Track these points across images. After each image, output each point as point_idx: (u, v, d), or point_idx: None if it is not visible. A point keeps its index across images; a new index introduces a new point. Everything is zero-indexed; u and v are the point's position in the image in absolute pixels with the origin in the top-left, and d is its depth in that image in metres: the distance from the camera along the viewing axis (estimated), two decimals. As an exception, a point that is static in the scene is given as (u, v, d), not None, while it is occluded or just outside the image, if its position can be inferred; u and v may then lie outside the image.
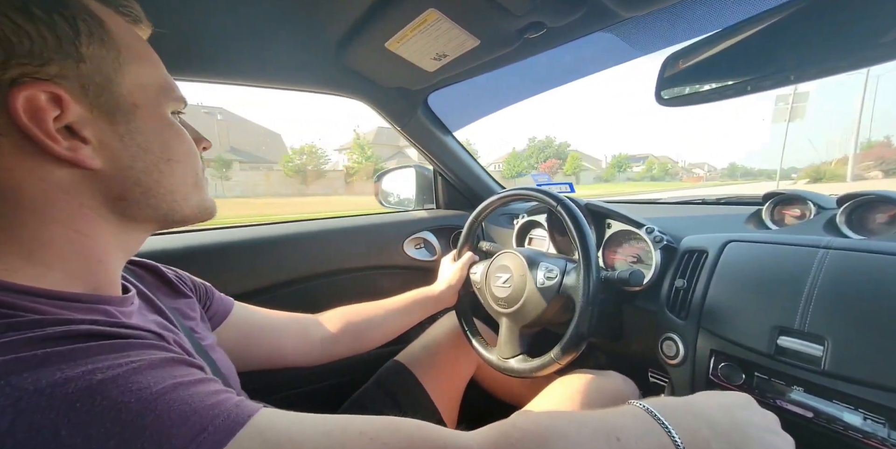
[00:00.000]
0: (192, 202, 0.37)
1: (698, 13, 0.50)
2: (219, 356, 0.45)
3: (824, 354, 0.46)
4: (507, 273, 0.70)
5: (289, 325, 0.61)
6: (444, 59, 0.64)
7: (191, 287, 0.51)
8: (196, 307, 0.49)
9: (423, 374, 0.73)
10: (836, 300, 0.48)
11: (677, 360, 0.63)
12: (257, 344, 0.57)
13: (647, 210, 0.98)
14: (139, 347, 0.26)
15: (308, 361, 0.63)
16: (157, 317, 0.39)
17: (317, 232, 0.95)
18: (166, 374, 0.25)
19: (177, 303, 0.46)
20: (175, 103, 0.35)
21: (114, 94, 0.30)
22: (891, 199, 0.56)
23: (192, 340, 0.41)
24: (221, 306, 0.54)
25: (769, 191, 0.72)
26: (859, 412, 0.45)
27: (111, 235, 0.33)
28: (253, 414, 0.25)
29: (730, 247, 0.62)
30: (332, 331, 0.65)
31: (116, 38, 0.30)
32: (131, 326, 0.28)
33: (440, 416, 0.69)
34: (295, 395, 0.87)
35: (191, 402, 0.24)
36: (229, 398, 0.26)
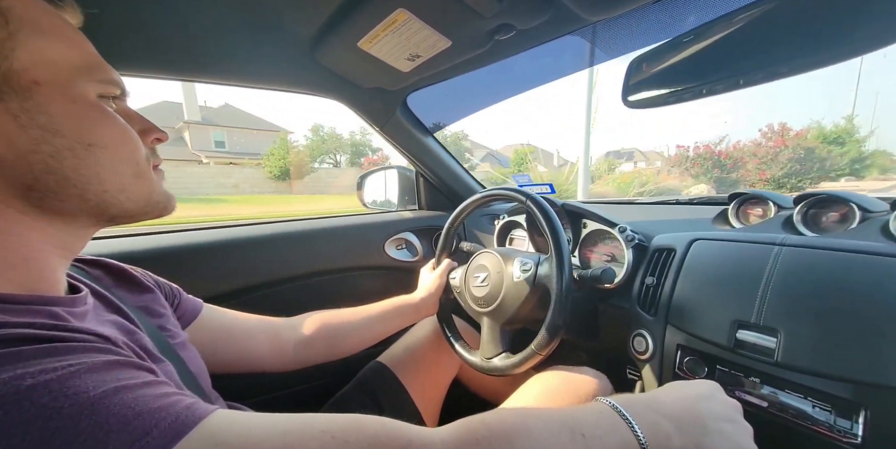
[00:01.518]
0: (133, 195, 0.34)
1: (660, 18, 0.52)
2: (189, 355, 0.44)
3: (777, 346, 0.49)
4: (484, 272, 0.71)
5: (260, 328, 0.60)
6: (417, 60, 0.64)
7: (154, 283, 0.49)
8: (164, 303, 0.47)
9: (405, 375, 0.72)
10: (789, 294, 0.50)
11: (647, 355, 0.65)
12: (227, 347, 0.56)
13: (624, 211, 1.00)
14: (80, 350, 0.25)
15: (280, 366, 0.61)
16: (115, 316, 0.38)
17: (296, 232, 0.94)
18: (108, 377, 0.24)
19: (142, 300, 0.45)
20: (103, 86, 0.32)
21: (1, 68, 0.27)
22: (841, 199, 0.59)
23: (158, 338, 0.40)
24: (190, 307, 0.53)
25: (734, 191, 0.75)
26: (808, 401, 0.47)
27: (34, 230, 0.31)
28: (205, 416, 0.25)
29: (696, 245, 0.64)
30: (307, 335, 0.63)
31: (4, 5, 0.27)
32: (74, 328, 0.27)
33: (421, 417, 0.69)
34: (272, 398, 0.86)
35: (134, 405, 0.23)
36: (179, 401, 0.25)
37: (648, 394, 0.38)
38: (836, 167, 11.72)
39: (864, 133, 12.95)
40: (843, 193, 0.59)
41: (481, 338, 0.70)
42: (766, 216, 0.69)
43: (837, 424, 0.44)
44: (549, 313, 0.57)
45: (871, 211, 0.57)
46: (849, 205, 0.58)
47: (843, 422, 0.44)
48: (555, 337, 0.57)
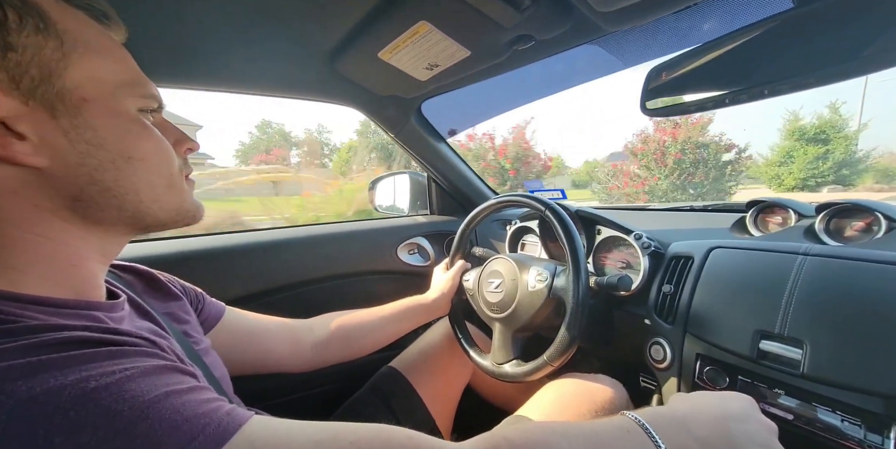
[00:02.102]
0: (165, 205, 0.35)
1: (678, 29, 0.52)
2: (212, 360, 0.45)
3: (803, 358, 0.48)
4: (498, 278, 0.71)
5: (280, 330, 0.61)
6: (435, 69, 0.65)
7: (181, 290, 0.51)
8: (189, 309, 0.49)
9: (418, 380, 0.73)
10: (814, 305, 0.49)
11: (665, 364, 0.64)
12: (248, 349, 0.57)
13: (637, 217, 1.00)
14: (133, 354, 0.26)
15: (299, 366, 0.62)
16: (147, 323, 0.39)
17: (310, 237, 0.95)
18: (159, 382, 0.25)
19: (168, 307, 0.46)
20: (143, 100, 0.33)
21: (55, 87, 0.28)
22: (866, 208, 0.58)
23: (185, 344, 0.41)
24: (213, 310, 0.55)
25: (753, 198, 0.74)
26: (837, 414, 0.46)
27: (79, 238, 0.32)
28: (243, 422, 0.25)
29: (714, 253, 0.63)
30: (324, 336, 0.65)
31: (60, 28, 0.28)
32: (124, 332, 0.28)
33: (434, 423, 0.69)
34: (288, 401, 0.86)
35: (182, 410, 0.24)
36: (221, 406, 0.26)
37: (678, 410, 0.36)
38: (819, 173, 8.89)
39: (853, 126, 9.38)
40: (867, 202, 0.58)
41: (493, 343, 0.70)
42: (787, 224, 0.68)
43: (868, 438, 0.43)
44: (564, 326, 0.57)
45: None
46: (874, 214, 0.57)
47: (874, 437, 0.43)
48: (567, 350, 0.57)
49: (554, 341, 0.58)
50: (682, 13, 0.49)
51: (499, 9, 0.48)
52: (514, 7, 0.47)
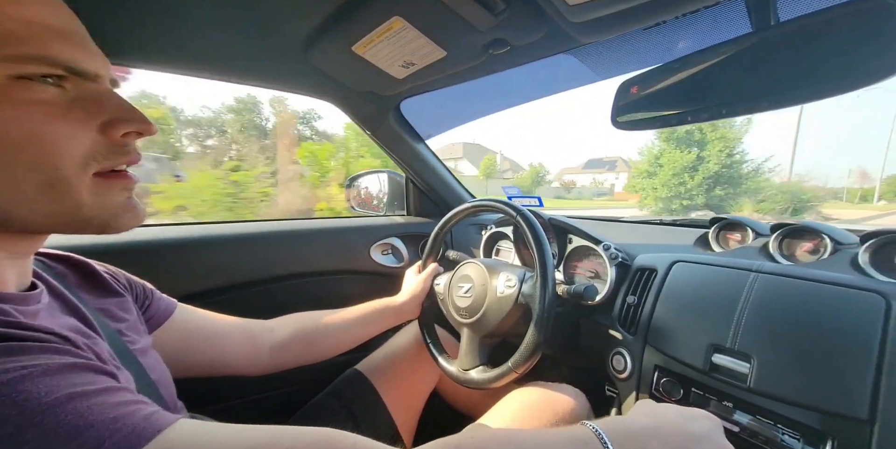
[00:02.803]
0: (44, 208, 0.28)
1: (647, 46, 0.53)
2: (150, 361, 0.42)
3: (750, 372, 0.49)
4: (468, 283, 0.70)
5: (236, 330, 0.59)
6: (412, 68, 0.64)
7: (125, 285, 0.47)
8: (130, 307, 0.45)
9: (383, 384, 0.71)
10: (762, 320, 0.51)
11: (625, 374, 0.65)
12: (199, 350, 0.54)
13: (609, 228, 1.01)
14: (36, 351, 0.23)
15: (254, 370, 0.60)
16: (70, 319, 0.35)
17: (279, 233, 0.92)
18: (63, 382, 0.22)
19: (104, 303, 0.43)
20: (21, 65, 0.26)
21: None
22: (814, 230, 0.60)
23: (117, 344, 0.38)
24: (162, 308, 0.51)
25: (715, 216, 0.76)
26: (778, 428, 0.47)
27: None
28: (164, 427, 0.23)
29: (676, 267, 0.65)
30: (283, 339, 0.62)
31: None
32: (30, 326, 0.26)
33: (396, 429, 0.67)
34: (243, 403, 0.83)
35: (87, 414, 0.21)
36: (139, 410, 0.24)
37: (639, 424, 0.35)
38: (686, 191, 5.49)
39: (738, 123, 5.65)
40: (816, 224, 0.61)
41: (460, 348, 0.70)
42: (745, 242, 0.71)
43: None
44: (528, 333, 0.57)
45: (843, 243, 0.58)
46: (821, 236, 0.60)
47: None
48: (532, 357, 0.56)
49: (519, 348, 0.57)
50: (652, 30, 0.50)
51: (473, 11, 0.47)
52: (489, 10, 0.47)
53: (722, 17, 0.47)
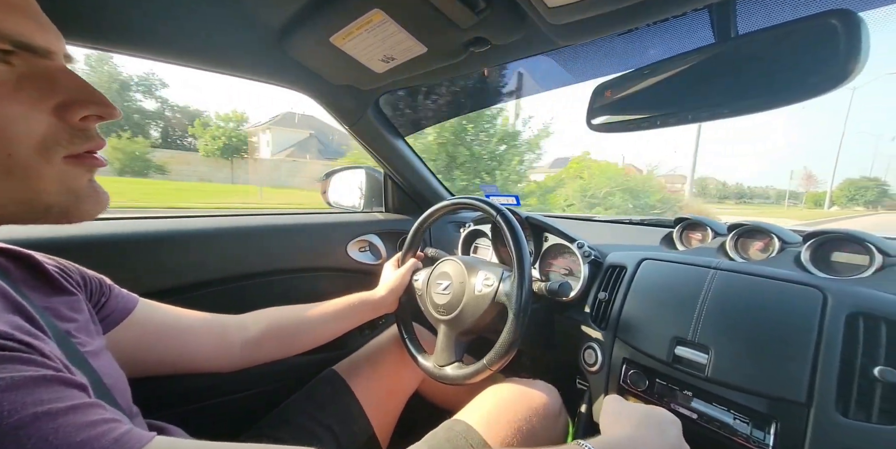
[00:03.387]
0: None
1: (622, 51, 0.56)
2: (103, 364, 0.39)
3: (708, 362, 0.52)
4: (447, 280, 0.70)
5: (205, 326, 0.56)
6: (392, 62, 0.63)
7: (77, 282, 0.44)
8: (82, 305, 0.42)
9: (360, 386, 0.69)
10: (719, 314, 0.55)
11: (596, 367, 0.67)
12: (165, 346, 0.51)
13: (583, 227, 1.05)
14: (4, 361, 0.21)
15: (225, 366, 0.57)
16: (14, 317, 0.32)
17: (252, 228, 0.88)
18: (29, 398, 0.20)
19: (52, 301, 0.39)
20: None
21: None
22: (764, 230, 0.65)
23: (67, 346, 0.35)
24: (121, 304, 0.48)
25: (679, 215, 0.81)
26: (731, 413, 0.51)
27: None
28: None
29: (644, 264, 0.68)
30: (256, 334, 0.60)
31: None
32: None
33: (373, 431, 0.66)
34: (214, 404, 0.79)
35: (54, 438, 0.19)
36: (109, 430, 0.22)
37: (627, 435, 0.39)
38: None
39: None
40: (766, 225, 0.66)
41: (436, 345, 0.70)
42: (705, 241, 0.75)
43: (753, 435, 0.49)
44: (504, 332, 0.58)
45: (788, 242, 0.63)
46: (770, 236, 0.64)
47: (758, 433, 0.48)
48: (506, 355, 0.58)
49: (494, 346, 0.58)
50: (625, 37, 0.52)
51: (455, 8, 0.47)
52: (471, 8, 0.47)
53: (688, 27, 0.49)
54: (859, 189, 45.66)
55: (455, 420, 0.57)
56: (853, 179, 48.81)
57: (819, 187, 55.49)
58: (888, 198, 55.00)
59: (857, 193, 45.29)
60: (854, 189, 45.69)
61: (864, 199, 44.45)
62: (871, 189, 45.47)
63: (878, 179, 49.98)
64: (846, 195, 45.16)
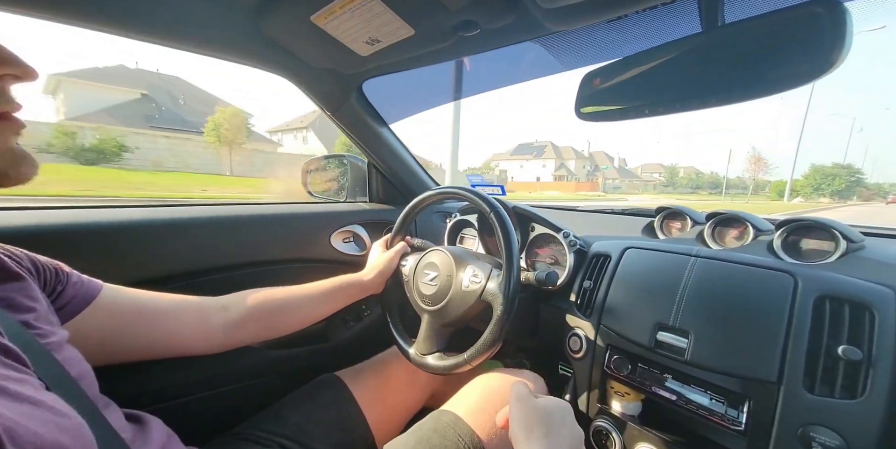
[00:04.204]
0: None
1: (611, 39, 0.55)
2: (68, 355, 0.37)
3: (688, 346, 0.55)
4: (434, 271, 0.70)
5: (183, 309, 0.54)
6: (377, 45, 0.61)
7: (28, 269, 0.40)
8: (36, 294, 0.39)
9: (363, 396, 0.68)
10: (699, 300, 0.57)
11: (580, 354, 0.69)
12: (139, 331, 0.49)
13: (568, 216, 1.06)
14: None
15: (208, 348, 0.56)
16: None
17: (230, 218, 0.84)
18: None
19: (3, 289, 0.36)
20: None
21: None
22: (741, 219, 0.68)
23: (24, 338, 0.33)
24: (81, 291, 0.45)
25: (660, 205, 0.83)
26: (707, 394, 0.53)
27: None
28: None
29: (628, 252, 0.70)
30: (239, 316, 0.58)
31: None
32: None
33: (373, 440, 0.65)
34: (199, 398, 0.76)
35: None
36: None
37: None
38: None
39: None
40: (741, 214, 0.68)
41: (419, 333, 0.70)
42: (684, 230, 0.78)
43: (728, 413, 0.51)
44: (487, 331, 0.58)
45: (762, 230, 0.66)
46: (745, 224, 0.67)
47: (732, 411, 0.51)
48: (487, 352, 0.58)
49: (476, 343, 0.59)
50: (614, 24, 0.51)
51: (444, -12, 0.45)
52: (460, -12, 0.46)
53: (676, 15, 0.49)
54: (826, 177, 40.79)
55: (442, 411, 0.57)
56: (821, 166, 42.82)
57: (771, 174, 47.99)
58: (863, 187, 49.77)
59: (824, 183, 40.61)
60: (820, 177, 40.92)
61: (830, 188, 40.05)
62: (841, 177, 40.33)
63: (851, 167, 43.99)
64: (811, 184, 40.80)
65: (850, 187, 42.78)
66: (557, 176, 52.96)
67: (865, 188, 50.27)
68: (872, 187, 59.88)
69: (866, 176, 54.05)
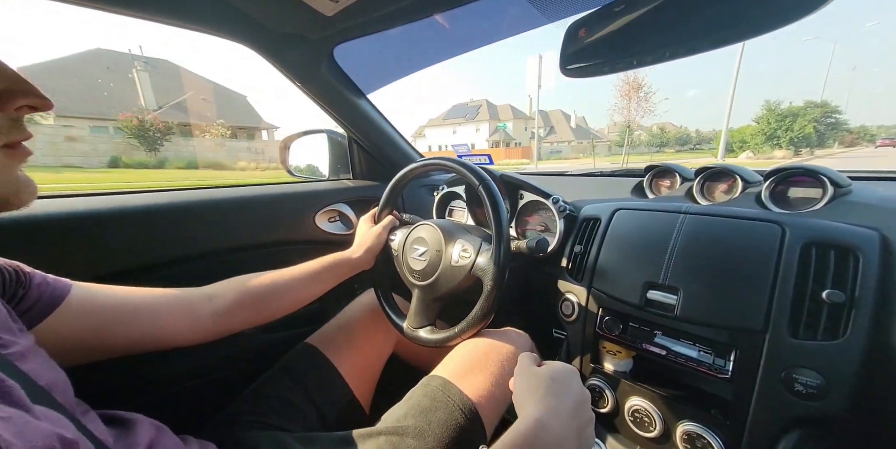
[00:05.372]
0: None
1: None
2: (35, 365, 0.34)
3: (677, 303, 0.55)
4: (424, 246, 0.69)
5: (167, 302, 0.52)
6: (342, 2, 0.55)
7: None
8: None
9: (336, 354, 0.69)
10: (688, 256, 0.57)
11: (573, 317, 0.70)
12: (122, 328, 0.47)
13: (556, 182, 1.05)
14: None
15: (197, 339, 0.55)
16: None
17: (212, 202, 0.81)
18: None
19: None
20: None
21: None
22: (729, 171, 0.67)
23: None
24: (47, 293, 0.42)
25: (649, 164, 0.81)
26: (696, 347, 0.55)
27: None
28: None
29: (618, 214, 0.69)
30: (227, 304, 0.57)
31: None
32: None
33: (352, 395, 0.67)
34: (189, 388, 0.77)
35: None
36: None
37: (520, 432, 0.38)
38: None
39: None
40: (731, 166, 0.67)
41: (410, 307, 0.70)
42: (673, 187, 0.77)
43: (715, 363, 0.53)
44: (477, 305, 0.58)
45: (750, 182, 0.66)
46: (734, 176, 0.66)
47: (719, 361, 0.53)
48: (478, 326, 0.58)
49: (467, 317, 0.59)
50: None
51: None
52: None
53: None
54: (785, 119, 24.39)
55: (431, 376, 0.58)
56: (777, 104, 25.28)
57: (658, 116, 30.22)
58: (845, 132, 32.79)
59: (781, 127, 24.29)
60: (776, 120, 24.51)
61: (789, 134, 23.98)
62: (806, 117, 24.54)
63: (827, 104, 27.69)
64: (764, 131, 24.79)
65: (827, 131, 28.88)
66: (493, 141, 42.21)
67: (847, 132, 36.86)
68: (856, 130, 46.20)
69: (846, 116, 36.39)
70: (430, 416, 0.50)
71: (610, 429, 0.68)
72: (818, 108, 27.64)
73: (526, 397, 0.41)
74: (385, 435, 0.48)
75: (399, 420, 0.50)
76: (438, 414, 0.50)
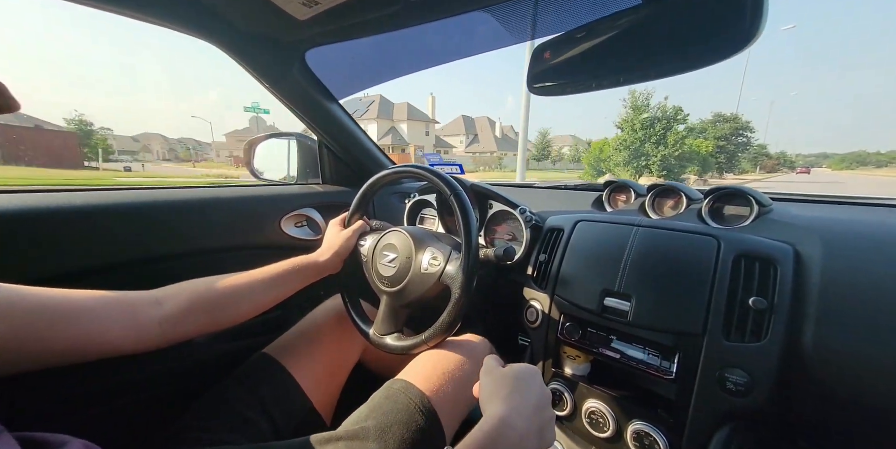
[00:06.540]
0: None
1: (561, 9, 0.55)
2: None
3: (630, 309, 0.60)
4: (394, 252, 0.69)
5: (102, 305, 0.47)
6: (316, 7, 0.55)
7: None
8: None
9: (296, 363, 0.66)
10: (639, 265, 0.61)
11: (537, 323, 0.73)
12: (45, 335, 0.42)
13: (524, 193, 1.09)
14: None
15: (142, 346, 0.50)
16: None
17: (168, 202, 0.76)
18: None
19: None
20: None
21: None
22: (674, 189, 0.74)
23: None
24: None
25: (608, 179, 0.87)
26: (645, 350, 0.59)
27: None
28: None
29: (579, 226, 0.73)
30: (176, 310, 0.52)
31: None
32: None
33: (311, 406, 0.65)
34: (135, 402, 0.70)
35: None
36: None
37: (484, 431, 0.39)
38: None
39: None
40: (677, 185, 0.74)
41: (378, 314, 0.70)
42: (629, 202, 0.83)
43: (662, 365, 0.57)
44: (445, 313, 0.58)
45: (693, 199, 0.72)
46: (679, 194, 0.73)
47: (665, 363, 0.57)
48: (445, 333, 0.59)
49: (434, 324, 0.60)
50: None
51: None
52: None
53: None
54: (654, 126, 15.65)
55: (393, 380, 0.58)
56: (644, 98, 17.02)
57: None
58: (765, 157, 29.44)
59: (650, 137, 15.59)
60: (641, 128, 15.95)
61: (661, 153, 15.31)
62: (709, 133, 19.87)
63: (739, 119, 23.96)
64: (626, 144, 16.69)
65: (738, 151, 23.62)
66: (386, 146, 33.46)
67: (767, 157, 34.90)
68: (776, 156, 45.03)
69: (758, 135, 29.87)
70: (391, 417, 0.50)
71: (567, 431, 0.70)
72: (727, 123, 22.80)
73: (491, 397, 0.43)
74: (345, 440, 0.47)
75: (359, 422, 0.50)
76: (399, 415, 0.50)
